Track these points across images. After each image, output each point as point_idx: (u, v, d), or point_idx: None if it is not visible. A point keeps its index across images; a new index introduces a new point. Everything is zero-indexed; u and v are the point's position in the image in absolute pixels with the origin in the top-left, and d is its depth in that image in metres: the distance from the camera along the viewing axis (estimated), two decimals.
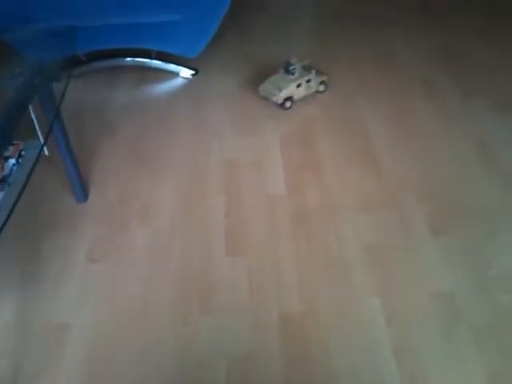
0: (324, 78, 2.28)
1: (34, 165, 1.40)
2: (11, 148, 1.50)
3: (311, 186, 1.85)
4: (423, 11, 2.94)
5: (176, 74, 2.49)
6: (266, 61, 2.55)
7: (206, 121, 2.20)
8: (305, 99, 2.26)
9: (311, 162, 1.95)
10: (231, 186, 1.87)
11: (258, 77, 2.42)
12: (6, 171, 1.44)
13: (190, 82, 2.45)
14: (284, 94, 2.17)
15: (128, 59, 2.52)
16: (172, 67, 2.49)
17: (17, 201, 1.26)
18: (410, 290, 1.50)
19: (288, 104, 2.20)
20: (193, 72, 2.49)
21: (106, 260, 1.63)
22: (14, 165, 1.46)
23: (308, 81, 2.22)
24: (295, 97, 2.21)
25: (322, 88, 2.30)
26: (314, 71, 2.23)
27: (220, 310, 1.47)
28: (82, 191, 1.85)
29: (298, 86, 2.20)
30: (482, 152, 1.95)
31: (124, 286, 1.55)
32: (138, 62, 2.51)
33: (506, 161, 1.91)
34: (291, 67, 2.20)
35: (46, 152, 1.78)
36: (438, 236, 1.64)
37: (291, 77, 2.20)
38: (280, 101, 2.18)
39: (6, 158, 1.47)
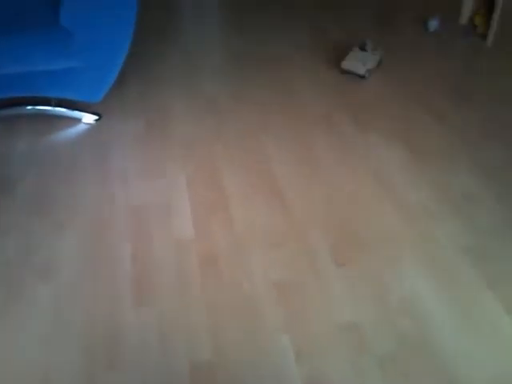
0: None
1: None
2: None
3: (219, 227, 1.86)
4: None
5: (78, 120, 2.44)
6: (167, 103, 2.55)
7: (110, 167, 2.16)
8: (202, 136, 2.29)
9: (218, 202, 1.96)
10: (137, 233, 1.84)
11: (160, 120, 2.43)
12: None
13: (93, 128, 2.41)
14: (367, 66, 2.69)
15: (28, 107, 2.44)
16: (74, 113, 2.44)
17: None
18: (317, 323, 1.52)
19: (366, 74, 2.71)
20: (96, 117, 2.45)
21: (2, 322, 1.53)
22: None
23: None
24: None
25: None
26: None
27: (129, 365, 1.42)
28: None
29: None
30: (379, 182, 2.05)
31: (23, 350, 1.46)
32: (39, 109, 2.44)
33: (401, 187, 2.02)
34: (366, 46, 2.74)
35: None
36: (342, 268, 1.70)
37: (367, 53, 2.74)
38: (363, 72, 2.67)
39: None
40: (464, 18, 3.30)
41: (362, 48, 2.79)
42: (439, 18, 3.21)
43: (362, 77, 2.72)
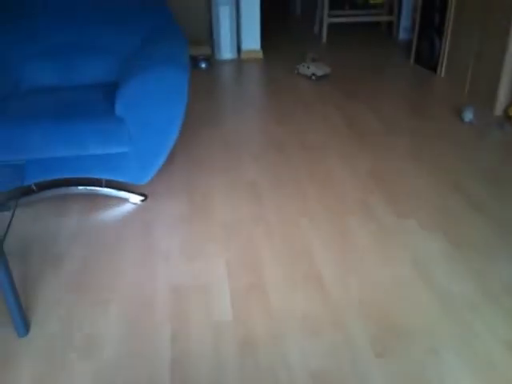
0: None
1: None
2: None
3: (258, 311, 1.87)
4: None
5: (125, 200, 2.57)
6: (210, 188, 2.67)
7: (154, 246, 2.24)
8: (249, 224, 2.35)
9: (257, 286, 1.99)
10: (178, 313, 1.87)
11: (203, 203, 2.53)
12: None
13: (139, 208, 2.52)
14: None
15: (80, 187, 2.58)
16: (121, 194, 2.57)
17: None
18: None
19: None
20: (142, 198, 2.57)
21: None
22: None
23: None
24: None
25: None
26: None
27: None
28: (23, 324, 1.80)
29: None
30: (418, 270, 2.05)
31: None
32: (89, 190, 2.58)
33: (441, 278, 2.01)
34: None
35: None
36: (381, 359, 1.67)
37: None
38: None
39: None
40: (499, 110, 3.38)
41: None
42: (474, 108, 3.30)
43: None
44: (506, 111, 3.33)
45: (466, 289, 1.95)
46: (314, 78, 4.18)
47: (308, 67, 4.22)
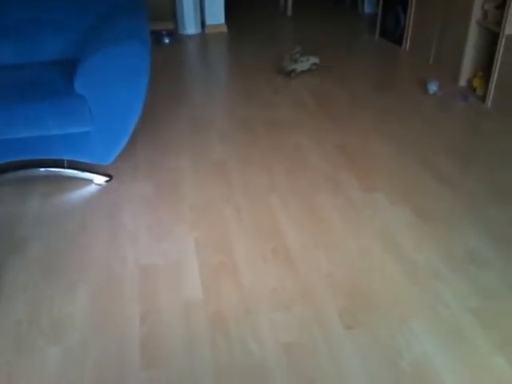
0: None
1: None
2: None
3: (228, 288, 1.87)
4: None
5: (90, 181, 2.51)
6: (176, 167, 2.63)
7: (121, 227, 2.20)
8: (218, 206, 2.34)
9: (227, 264, 1.98)
10: (147, 293, 1.85)
11: (169, 183, 2.49)
12: None
13: (104, 189, 2.47)
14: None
15: (41, 169, 2.51)
16: (86, 175, 2.51)
17: None
18: None
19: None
20: (107, 178, 2.51)
21: (10, 382, 1.52)
22: None
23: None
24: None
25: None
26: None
27: None
28: None
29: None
30: (385, 242, 2.08)
31: None
32: (51, 171, 2.51)
33: (408, 249, 2.04)
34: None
35: None
36: (351, 330, 1.69)
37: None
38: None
39: None
40: (463, 81, 3.42)
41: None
42: (438, 80, 3.33)
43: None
44: (469, 82, 3.37)
45: (432, 259, 1.99)
46: (314, 67, 3.80)
47: (308, 59, 3.75)
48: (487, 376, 1.54)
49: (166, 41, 4.54)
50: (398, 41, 4.24)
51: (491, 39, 3.25)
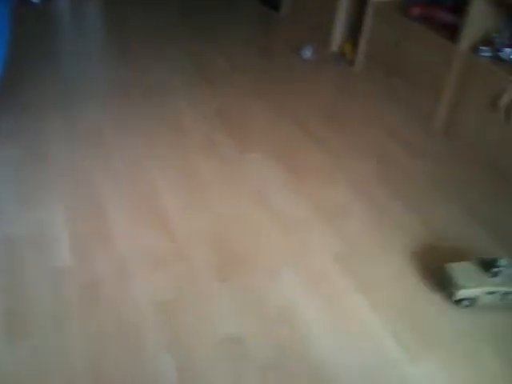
0: None
1: None
2: None
3: (101, 253, 1.83)
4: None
5: None
6: (46, 131, 2.49)
7: None
8: (92, 171, 2.25)
9: (100, 229, 1.93)
10: (11, 264, 1.75)
11: (37, 147, 2.35)
12: None
13: None
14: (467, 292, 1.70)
15: None
16: None
17: None
18: (200, 339, 1.55)
19: (466, 303, 1.73)
20: None
21: None
22: None
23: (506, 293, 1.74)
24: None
25: None
26: None
27: None
28: None
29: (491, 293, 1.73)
30: (258, 199, 2.14)
31: None
32: None
33: (280, 204, 2.12)
34: (496, 269, 1.72)
35: None
36: (225, 283, 1.74)
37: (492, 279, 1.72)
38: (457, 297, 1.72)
39: None
40: (335, 46, 3.57)
41: None
42: (312, 46, 3.44)
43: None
44: (341, 48, 3.52)
45: (301, 211, 2.09)
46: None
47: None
48: (347, 311, 1.67)
49: (35, 0, 4.22)
50: (276, 7, 4.30)
51: (361, 6, 3.40)
